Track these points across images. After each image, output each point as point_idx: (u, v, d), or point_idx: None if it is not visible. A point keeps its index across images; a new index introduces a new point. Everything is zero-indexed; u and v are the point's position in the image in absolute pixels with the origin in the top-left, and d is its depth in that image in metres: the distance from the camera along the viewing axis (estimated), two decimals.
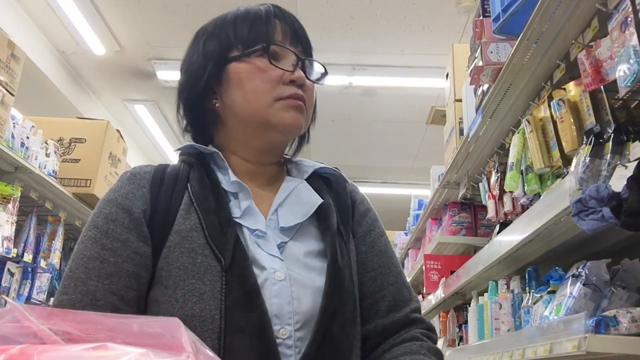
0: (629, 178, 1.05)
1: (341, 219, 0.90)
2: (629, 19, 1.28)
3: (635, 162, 1.17)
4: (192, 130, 0.94)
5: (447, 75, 2.83)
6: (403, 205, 4.88)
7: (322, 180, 0.95)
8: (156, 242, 0.81)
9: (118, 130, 3.64)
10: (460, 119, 2.57)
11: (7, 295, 2.88)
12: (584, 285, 1.33)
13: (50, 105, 4.50)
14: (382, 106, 5.08)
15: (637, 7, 1.26)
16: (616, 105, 1.58)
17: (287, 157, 0.97)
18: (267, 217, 0.86)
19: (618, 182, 1.21)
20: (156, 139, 5.79)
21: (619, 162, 1.24)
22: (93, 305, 0.75)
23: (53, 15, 3.94)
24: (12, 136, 2.77)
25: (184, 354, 0.44)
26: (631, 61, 1.24)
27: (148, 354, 0.43)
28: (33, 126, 3.00)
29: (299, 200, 0.88)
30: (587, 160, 1.30)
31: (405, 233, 4.65)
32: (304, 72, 0.88)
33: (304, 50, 0.91)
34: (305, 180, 0.92)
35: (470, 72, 1.97)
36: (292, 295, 0.78)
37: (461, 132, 2.54)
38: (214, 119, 0.91)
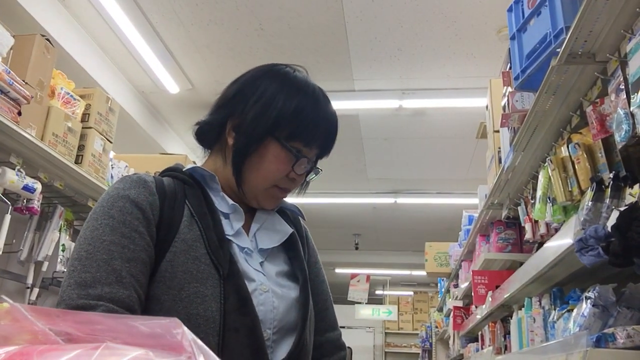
0: (612, 226, 1.32)
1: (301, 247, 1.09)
2: (621, 86, 1.55)
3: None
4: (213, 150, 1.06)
5: (486, 107, 3.10)
6: (458, 215, 5.10)
7: (283, 213, 1.11)
8: (160, 244, 0.88)
9: (194, 162, 4.12)
10: (499, 148, 2.83)
11: None
12: (593, 306, 1.60)
13: (134, 139, 5.07)
14: (433, 124, 5.35)
15: (627, 77, 1.53)
16: (631, 144, 1.83)
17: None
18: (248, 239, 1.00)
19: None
20: None
21: (614, 206, 1.51)
22: (118, 282, 0.81)
23: (133, 61, 4.48)
24: (112, 176, 3.27)
25: (184, 354, 0.45)
26: (623, 122, 1.51)
27: (148, 354, 0.43)
28: (126, 165, 3.50)
29: (274, 227, 1.05)
30: (590, 204, 1.58)
31: (458, 245, 4.88)
32: (308, 172, 1.05)
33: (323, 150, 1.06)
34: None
35: (501, 116, 2.26)
36: (274, 305, 0.93)
37: (500, 160, 2.80)
38: (230, 154, 1.01)
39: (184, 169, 1.02)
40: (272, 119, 0.97)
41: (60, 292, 0.81)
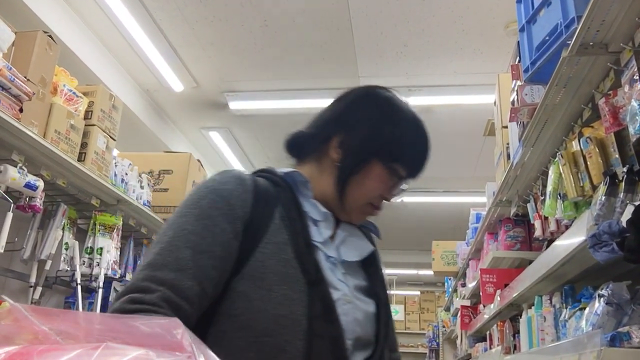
0: (627, 220, 1.27)
1: None
2: (635, 76, 1.50)
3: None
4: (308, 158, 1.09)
5: (494, 103, 3.04)
6: (465, 213, 5.05)
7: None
8: (247, 242, 0.91)
9: (199, 160, 4.09)
10: (507, 144, 2.78)
11: None
12: (606, 304, 1.55)
13: (138, 137, 5.05)
14: (440, 121, 5.28)
15: None
16: None
17: None
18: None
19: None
20: (229, 162, 6.28)
21: (629, 201, 1.46)
22: (184, 271, 0.83)
23: (137, 59, 4.46)
24: (115, 174, 3.24)
25: (184, 354, 0.45)
26: (638, 114, 1.46)
27: (148, 353, 0.43)
28: (130, 164, 3.47)
29: (356, 242, 1.08)
30: (603, 199, 1.53)
31: (466, 243, 4.83)
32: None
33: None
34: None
35: (509, 110, 2.21)
36: (355, 316, 0.95)
37: (509, 156, 2.75)
38: (330, 166, 1.05)
39: (278, 172, 1.05)
40: (379, 143, 1.03)
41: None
